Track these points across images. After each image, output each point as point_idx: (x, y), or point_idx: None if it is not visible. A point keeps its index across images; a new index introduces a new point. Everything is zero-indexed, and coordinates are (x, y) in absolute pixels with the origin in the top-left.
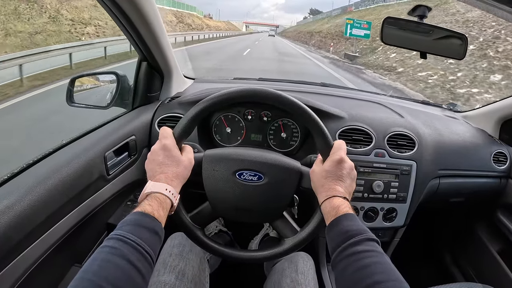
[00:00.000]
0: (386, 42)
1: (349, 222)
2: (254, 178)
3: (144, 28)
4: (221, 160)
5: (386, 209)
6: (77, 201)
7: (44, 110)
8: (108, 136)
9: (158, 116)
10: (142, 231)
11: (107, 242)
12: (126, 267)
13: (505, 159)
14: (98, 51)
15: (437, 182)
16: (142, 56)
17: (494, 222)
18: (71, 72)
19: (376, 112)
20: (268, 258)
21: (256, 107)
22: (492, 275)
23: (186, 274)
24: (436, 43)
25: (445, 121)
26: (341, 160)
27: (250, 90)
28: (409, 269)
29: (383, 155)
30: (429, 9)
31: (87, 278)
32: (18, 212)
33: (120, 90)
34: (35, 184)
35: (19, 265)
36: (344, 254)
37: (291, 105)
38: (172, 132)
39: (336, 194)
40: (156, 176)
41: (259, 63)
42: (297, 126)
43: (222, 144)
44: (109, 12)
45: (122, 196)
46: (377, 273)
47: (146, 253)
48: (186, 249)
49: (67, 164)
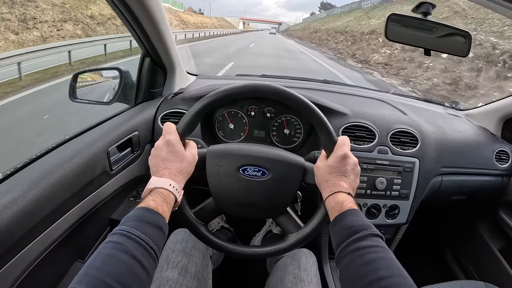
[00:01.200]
0: (390, 38)
1: (354, 218)
2: (258, 174)
3: (149, 24)
4: (225, 156)
5: (388, 206)
6: (80, 196)
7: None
8: (111, 132)
9: (161, 111)
10: (146, 227)
11: (111, 237)
12: (130, 262)
13: (507, 158)
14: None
15: (440, 180)
16: (146, 52)
17: (496, 220)
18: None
19: (379, 109)
20: (272, 254)
21: (259, 103)
22: (493, 273)
23: (189, 270)
24: (440, 40)
25: (447, 119)
26: (345, 155)
27: (254, 86)
28: (411, 266)
29: (386, 152)
30: (433, 6)
31: (90, 273)
32: (21, 207)
33: (123, 85)
34: (38, 179)
35: (22, 260)
36: (348, 249)
37: (295, 101)
38: (176, 128)
39: (340, 189)
40: (160, 172)
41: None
42: (300, 122)
43: (225, 140)
44: (114, 8)
45: (125, 192)
46: (381, 268)
47: (150, 249)
48: (189, 245)
49: (70, 159)
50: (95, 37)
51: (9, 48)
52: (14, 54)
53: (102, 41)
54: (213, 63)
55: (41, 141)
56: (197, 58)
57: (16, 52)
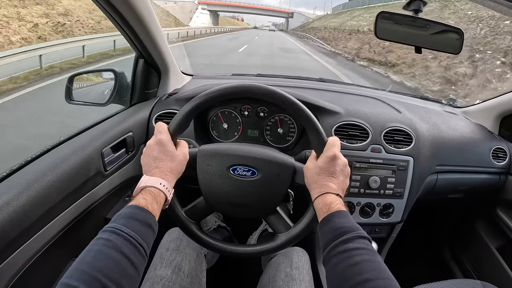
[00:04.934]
0: (380, 37)
1: (341, 219)
2: (247, 174)
3: (139, 26)
4: (215, 155)
5: (382, 204)
6: (74, 197)
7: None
8: (105, 133)
9: (155, 112)
10: (136, 224)
11: (101, 234)
12: (119, 259)
13: (505, 155)
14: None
15: (435, 178)
16: (139, 53)
17: (493, 218)
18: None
19: (373, 107)
20: (261, 253)
21: (252, 102)
22: (491, 272)
23: (182, 269)
24: (432, 37)
25: (443, 116)
26: (334, 156)
27: (244, 86)
28: (408, 265)
29: (379, 150)
30: (424, 3)
31: (81, 269)
32: (15, 208)
33: (118, 87)
34: (33, 180)
35: (17, 260)
36: (335, 251)
37: (284, 101)
38: (167, 127)
39: (329, 190)
40: (151, 171)
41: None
42: (294, 122)
43: (219, 140)
44: (103, 10)
45: (119, 192)
46: (367, 271)
47: (139, 246)
48: (183, 243)
49: (65, 160)
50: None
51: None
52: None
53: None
54: None
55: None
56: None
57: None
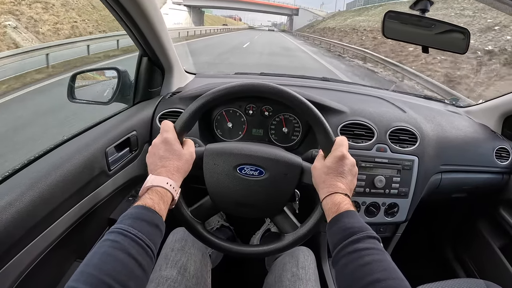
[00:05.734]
0: (388, 36)
1: (350, 220)
2: (255, 173)
3: (144, 23)
4: (222, 154)
5: (387, 204)
6: (78, 197)
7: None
8: (109, 132)
9: (159, 111)
10: (143, 225)
11: (108, 235)
12: (127, 260)
13: (508, 155)
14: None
15: (439, 178)
16: (143, 51)
17: (496, 218)
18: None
19: (378, 107)
20: (268, 253)
21: (257, 101)
22: (494, 271)
23: (188, 269)
24: (438, 37)
25: (447, 116)
26: (342, 156)
27: (252, 85)
28: (411, 264)
29: (385, 150)
30: (431, 2)
31: (87, 271)
32: (19, 208)
33: (121, 85)
34: (36, 180)
35: (21, 261)
36: (345, 251)
37: (292, 100)
38: (174, 126)
39: (337, 190)
40: (157, 170)
41: None
42: (299, 121)
43: (223, 139)
44: (108, 7)
45: (123, 192)
46: (378, 271)
47: (147, 247)
48: (188, 244)
49: (68, 160)
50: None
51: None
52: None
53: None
54: None
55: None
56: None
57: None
